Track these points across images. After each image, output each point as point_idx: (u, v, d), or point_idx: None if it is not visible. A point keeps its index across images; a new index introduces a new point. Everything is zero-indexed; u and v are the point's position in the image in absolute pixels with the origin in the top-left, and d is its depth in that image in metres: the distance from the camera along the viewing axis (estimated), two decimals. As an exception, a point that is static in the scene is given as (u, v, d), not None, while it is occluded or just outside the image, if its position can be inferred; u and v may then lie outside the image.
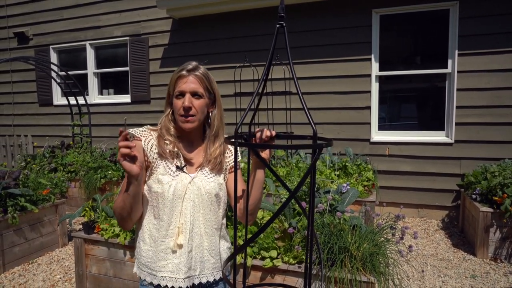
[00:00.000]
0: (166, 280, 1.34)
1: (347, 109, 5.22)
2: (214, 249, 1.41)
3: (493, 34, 4.55)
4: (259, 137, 1.27)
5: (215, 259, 1.41)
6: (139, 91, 6.51)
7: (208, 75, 1.39)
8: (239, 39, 5.67)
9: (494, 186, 3.71)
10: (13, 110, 7.75)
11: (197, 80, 1.34)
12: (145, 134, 1.39)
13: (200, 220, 1.37)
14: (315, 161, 1.04)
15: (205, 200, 1.37)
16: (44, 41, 7.29)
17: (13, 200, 3.69)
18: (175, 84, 1.36)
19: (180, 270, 1.33)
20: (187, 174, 1.37)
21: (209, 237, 1.39)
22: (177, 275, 1.33)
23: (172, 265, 1.34)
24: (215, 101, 1.42)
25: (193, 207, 1.35)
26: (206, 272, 1.39)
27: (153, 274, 1.36)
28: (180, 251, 1.33)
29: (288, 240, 2.38)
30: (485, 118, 4.66)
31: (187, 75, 1.34)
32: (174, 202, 1.33)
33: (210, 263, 1.40)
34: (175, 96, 1.36)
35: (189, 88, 1.33)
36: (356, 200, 3.21)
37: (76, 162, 5.68)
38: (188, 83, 1.33)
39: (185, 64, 1.38)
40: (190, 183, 1.36)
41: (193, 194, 1.35)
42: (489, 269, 3.46)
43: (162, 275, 1.34)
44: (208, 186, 1.37)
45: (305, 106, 1.09)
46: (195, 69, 1.36)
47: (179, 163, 1.37)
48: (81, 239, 3.04)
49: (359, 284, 2.18)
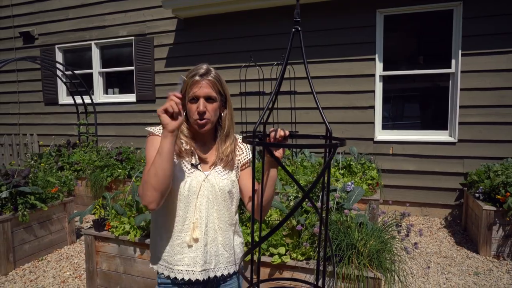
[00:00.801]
0: (182, 273, 1.39)
1: (351, 109, 5.27)
2: (228, 244, 1.46)
3: (496, 34, 4.59)
4: (273, 137, 1.32)
5: (229, 253, 1.46)
6: (144, 90, 6.57)
7: (219, 78, 1.43)
8: (244, 39, 5.73)
9: (497, 184, 3.75)
10: (18, 109, 7.83)
11: (210, 85, 1.39)
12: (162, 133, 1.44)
13: (215, 215, 1.42)
14: (329, 160, 1.10)
15: (218, 197, 1.42)
16: (50, 41, 7.35)
17: (23, 198, 3.75)
18: (188, 88, 1.40)
19: (196, 263, 1.38)
20: (202, 172, 1.42)
21: (223, 232, 1.44)
22: (193, 268, 1.38)
23: (188, 258, 1.39)
24: (226, 102, 1.48)
25: (208, 203, 1.40)
26: (220, 266, 1.44)
27: (170, 267, 1.41)
28: (195, 245, 1.38)
29: (296, 237, 2.44)
30: (488, 117, 4.70)
31: (200, 80, 1.38)
32: (189, 198, 1.38)
33: (224, 257, 1.45)
34: (189, 100, 1.40)
35: (203, 93, 1.38)
36: (361, 198, 3.26)
37: (83, 161, 5.74)
38: (202, 88, 1.37)
39: (197, 68, 1.41)
40: (205, 180, 1.41)
41: (207, 191, 1.40)
42: (491, 267, 3.51)
43: (178, 269, 1.39)
44: (222, 183, 1.42)
45: (319, 106, 1.14)
46: (207, 73, 1.40)
47: (194, 161, 1.43)
48: (91, 236, 3.10)
49: (366, 280, 2.23)
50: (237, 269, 1.51)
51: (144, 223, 2.89)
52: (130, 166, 5.49)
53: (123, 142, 6.70)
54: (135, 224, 2.83)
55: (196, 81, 1.38)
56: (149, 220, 2.86)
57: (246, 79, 5.31)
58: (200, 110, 1.37)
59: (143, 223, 2.88)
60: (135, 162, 5.64)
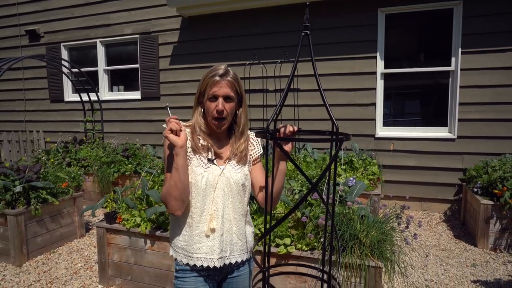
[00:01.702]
0: (201, 261, 1.50)
1: (353, 106, 5.38)
2: (241, 233, 1.57)
3: (496, 33, 4.69)
4: (283, 132, 1.45)
5: (242, 242, 1.58)
6: (149, 88, 6.68)
7: (237, 78, 1.53)
8: (248, 37, 5.83)
9: (495, 179, 3.87)
10: (24, 107, 7.95)
11: (228, 85, 1.47)
12: None
13: (230, 207, 1.53)
14: (336, 153, 1.21)
15: (233, 189, 1.53)
16: (55, 39, 7.46)
17: (35, 192, 3.88)
18: (208, 87, 1.48)
19: (214, 251, 1.49)
20: (217, 166, 1.53)
21: (237, 222, 1.55)
22: (211, 256, 1.49)
23: (206, 247, 1.50)
24: (242, 101, 1.58)
25: (223, 195, 1.51)
26: (235, 253, 1.55)
27: (189, 255, 1.51)
28: (213, 235, 1.50)
29: (301, 229, 2.56)
30: (487, 114, 4.81)
31: (220, 80, 1.46)
32: (206, 191, 1.49)
33: (238, 246, 1.56)
34: (208, 99, 1.48)
35: (222, 92, 1.46)
36: (362, 193, 3.38)
37: (90, 157, 5.87)
38: (222, 88, 1.46)
39: (217, 69, 1.49)
40: (220, 175, 1.52)
41: (223, 184, 1.51)
42: (489, 259, 3.63)
43: (197, 256, 1.50)
44: (236, 177, 1.53)
45: (327, 103, 1.26)
46: (227, 73, 1.48)
47: (210, 156, 1.53)
48: (103, 229, 3.22)
49: (368, 268, 2.35)
50: (249, 256, 1.63)
51: (155, 216, 3.01)
52: (136, 162, 5.61)
53: (129, 138, 6.82)
54: (146, 216, 2.96)
55: (216, 81, 1.46)
56: (159, 212, 2.98)
57: (250, 76, 5.42)
58: (219, 109, 1.46)
59: (153, 215, 3.00)
60: (141, 158, 5.76)
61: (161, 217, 2.98)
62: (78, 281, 3.36)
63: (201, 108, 1.56)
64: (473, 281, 3.20)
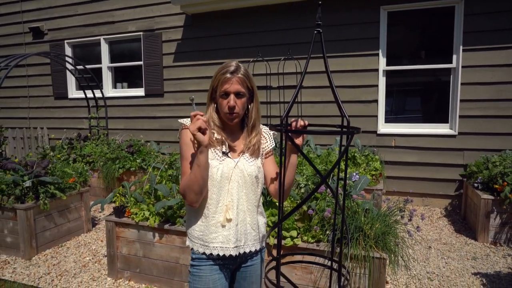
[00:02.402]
0: (217, 250, 1.56)
1: (355, 102, 5.44)
2: (255, 224, 1.64)
3: (497, 30, 4.75)
4: (294, 126, 1.51)
5: (255, 232, 1.64)
6: (153, 85, 6.74)
7: (248, 74, 1.58)
8: (251, 34, 5.89)
9: (495, 175, 3.94)
10: (28, 103, 8.01)
11: (239, 81, 1.53)
12: None
13: (244, 198, 1.59)
14: (348, 144, 1.28)
15: (247, 181, 1.59)
16: (59, 36, 7.51)
17: (43, 187, 3.95)
18: (219, 84, 1.54)
19: (229, 240, 1.55)
20: (232, 159, 1.59)
21: (251, 213, 1.62)
22: (227, 245, 1.56)
23: (222, 237, 1.56)
24: (253, 95, 1.64)
25: (238, 187, 1.57)
26: (249, 243, 1.62)
27: (205, 245, 1.57)
28: (228, 224, 1.56)
29: (307, 221, 2.63)
30: (488, 111, 4.88)
31: (231, 77, 1.52)
32: (221, 183, 1.55)
33: (252, 236, 1.63)
34: (220, 96, 1.55)
35: (233, 89, 1.52)
36: (365, 188, 3.45)
37: (94, 153, 5.93)
38: (233, 85, 1.52)
39: (228, 66, 1.55)
40: (235, 167, 1.58)
41: (237, 176, 1.57)
42: (489, 252, 3.71)
43: (213, 245, 1.56)
44: (249, 169, 1.60)
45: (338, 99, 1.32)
46: (237, 70, 1.54)
47: (224, 149, 1.60)
48: (112, 223, 3.29)
49: (372, 260, 2.42)
50: (262, 246, 1.70)
51: (163, 210, 3.08)
52: (141, 158, 5.68)
53: (133, 135, 6.88)
54: (155, 210, 3.03)
55: (228, 79, 1.52)
56: (168, 206, 3.05)
57: (254, 74, 5.48)
58: (230, 105, 1.52)
59: (162, 209, 3.07)
60: (146, 154, 5.82)
61: (169, 210, 3.05)
62: (87, 273, 3.44)
63: (214, 103, 1.62)
64: (474, 273, 3.28)
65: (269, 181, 1.70)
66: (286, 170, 1.59)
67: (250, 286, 1.70)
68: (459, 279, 3.18)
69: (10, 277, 3.40)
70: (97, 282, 3.28)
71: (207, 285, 1.58)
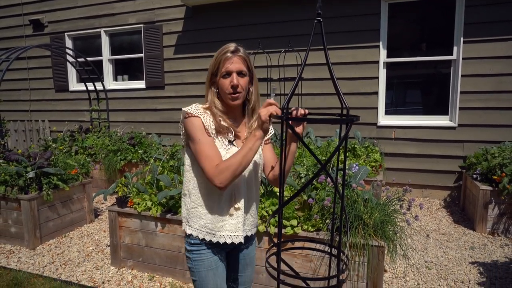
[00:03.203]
0: (224, 238, 1.56)
1: (356, 94, 5.46)
2: (254, 209, 1.66)
3: (498, 22, 4.75)
4: (295, 115, 1.54)
5: (253, 217, 1.67)
6: (154, 77, 6.75)
7: (248, 55, 1.56)
8: (252, 26, 5.89)
9: (494, 166, 3.98)
10: (29, 96, 8.03)
11: (240, 60, 1.51)
12: (200, 112, 1.54)
13: (247, 185, 1.60)
14: (347, 132, 1.31)
15: (250, 169, 1.60)
16: (59, 28, 7.51)
17: (46, 178, 3.99)
18: (221, 65, 1.50)
19: (238, 228, 1.56)
20: (237, 148, 1.57)
21: (252, 200, 1.64)
22: (236, 233, 1.56)
23: (230, 225, 1.55)
24: (253, 78, 1.60)
25: (243, 175, 1.55)
26: (246, 228, 1.63)
27: (212, 233, 1.56)
28: (236, 213, 1.55)
29: (307, 211, 2.67)
30: (487, 103, 4.90)
31: (232, 56, 1.49)
32: None
33: (250, 221, 1.65)
34: (222, 76, 1.51)
35: (235, 68, 1.49)
36: (364, 179, 3.49)
37: (96, 146, 5.97)
38: (234, 64, 1.49)
39: (227, 47, 1.52)
40: None
41: None
42: (486, 242, 3.76)
43: (221, 234, 1.55)
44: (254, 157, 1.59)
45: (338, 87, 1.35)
46: (237, 50, 1.52)
47: (230, 137, 1.58)
48: (115, 213, 3.34)
49: (371, 248, 2.47)
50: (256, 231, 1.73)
51: (165, 200, 3.12)
52: (142, 150, 5.72)
53: (134, 127, 6.92)
54: (157, 200, 3.07)
55: (229, 57, 1.49)
56: (170, 196, 3.09)
57: (255, 66, 5.48)
58: (234, 83, 1.48)
59: (164, 199, 3.11)
60: (147, 146, 5.86)
61: (171, 200, 3.10)
62: (91, 263, 3.49)
63: (215, 88, 1.57)
64: (471, 262, 3.33)
65: (267, 168, 1.70)
66: (286, 157, 1.62)
67: (245, 268, 1.73)
68: (456, 268, 3.23)
69: (15, 266, 3.46)
70: (101, 271, 3.34)
71: (210, 266, 1.59)
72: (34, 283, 3.08)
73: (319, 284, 2.47)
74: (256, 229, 1.74)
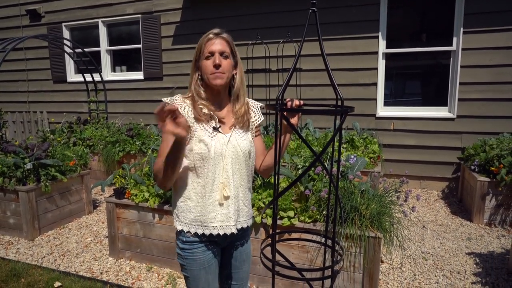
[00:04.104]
0: (217, 229, 1.52)
1: (354, 85, 5.44)
2: (247, 200, 1.63)
3: (498, 12, 4.71)
4: (290, 106, 1.52)
5: (247, 208, 1.64)
6: (152, 68, 6.71)
7: (231, 39, 1.56)
8: (250, 16, 5.83)
9: (492, 157, 3.97)
10: (27, 87, 7.99)
11: (224, 42, 1.51)
12: (178, 102, 1.54)
13: (237, 174, 1.56)
14: (341, 123, 1.30)
15: (240, 157, 1.56)
16: (57, 19, 7.44)
17: (44, 170, 3.99)
18: (203, 47, 1.51)
19: (230, 218, 1.53)
20: (223, 134, 1.53)
21: (244, 189, 1.60)
22: (227, 223, 1.53)
23: (221, 215, 1.52)
24: (237, 64, 1.58)
25: (232, 163, 1.52)
26: (241, 219, 1.60)
27: (204, 225, 1.52)
28: (226, 202, 1.52)
29: (304, 202, 2.67)
30: (486, 94, 4.88)
31: (214, 38, 1.50)
32: (216, 160, 1.49)
33: (244, 212, 1.62)
34: (204, 58, 1.50)
35: (217, 48, 1.49)
36: (362, 170, 3.49)
37: (94, 137, 5.96)
38: (216, 44, 1.49)
39: (210, 31, 1.53)
40: (227, 143, 1.52)
41: (230, 152, 1.52)
42: (483, 233, 3.77)
43: (213, 225, 1.52)
44: (243, 144, 1.56)
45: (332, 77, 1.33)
46: (221, 32, 1.53)
47: (214, 124, 1.54)
48: (113, 204, 3.35)
49: (367, 239, 2.48)
50: (252, 222, 1.71)
51: (162, 191, 3.12)
52: (141, 141, 5.71)
53: (132, 118, 6.90)
54: (155, 191, 3.07)
55: (211, 39, 1.50)
56: (167, 188, 3.09)
57: (253, 56, 5.46)
58: (216, 63, 1.47)
59: (161, 191, 3.11)
60: (146, 137, 5.85)
61: (169, 192, 3.10)
62: (89, 253, 3.51)
63: (198, 74, 1.56)
64: (468, 253, 3.35)
65: (257, 158, 1.68)
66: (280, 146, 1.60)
67: (242, 264, 1.71)
68: (453, 259, 3.24)
69: (14, 257, 3.48)
70: (99, 261, 3.35)
71: (203, 265, 1.57)
72: (33, 273, 3.10)
73: (315, 275, 2.48)
74: (252, 221, 1.73)
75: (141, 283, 2.99)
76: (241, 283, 1.74)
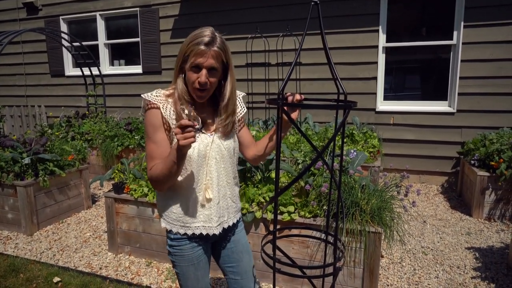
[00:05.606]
0: (199, 229, 1.51)
1: (354, 80, 5.41)
2: (234, 196, 1.62)
3: (499, 6, 4.67)
4: (291, 100, 1.50)
5: (236, 203, 1.64)
6: (150, 62, 6.67)
7: (224, 47, 1.41)
8: (250, 10, 5.78)
9: (492, 152, 3.96)
10: (25, 81, 7.93)
11: (214, 55, 1.37)
12: (161, 100, 1.46)
13: (223, 173, 1.54)
14: (344, 119, 1.28)
15: (225, 156, 1.52)
16: (54, 12, 7.37)
17: (42, 164, 3.97)
18: (191, 54, 1.37)
19: (212, 219, 1.51)
20: (207, 135, 1.50)
21: (231, 186, 1.59)
22: (209, 224, 1.51)
23: (204, 216, 1.50)
24: (228, 70, 1.48)
25: (216, 163, 1.50)
26: (231, 216, 1.61)
27: (186, 226, 1.51)
28: (208, 204, 1.50)
29: (304, 197, 2.66)
30: (486, 88, 4.86)
31: (205, 50, 1.35)
32: (199, 161, 1.46)
33: (233, 208, 1.61)
34: (191, 68, 1.39)
35: (206, 64, 1.37)
36: (362, 165, 3.48)
37: (93, 131, 5.93)
38: (206, 58, 1.36)
39: (202, 34, 1.37)
40: (212, 143, 1.49)
41: (214, 152, 1.49)
42: (483, 227, 3.77)
43: (195, 225, 1.50)
44: (226, 143, 1.53)
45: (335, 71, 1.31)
46: (213, 42, 1.37)
47: (198, 126, 1.46)
48: (111, 199, 3.33)
49: (368, 234, 2.47)
50: (241, 216, 1.71)
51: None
52: (139, 135, 5.68)
53: (131, 112, 6.86)
54: (154, 186, 3.05)
55: (201, 51, 1.35)
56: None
57: (252, 50, 5.41)
58: (202, 81, 1.38)
59: (160, 186, 3.09)
60: (144, 132, 5.81)
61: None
62: (88, 248, 3.50)
63: (183, 74, 1.46)
64: (467, 248, 3.35)
65: (248, 149, 1.66)
66: (273, 140, 1.58)
67: (240, 257, 1.69)
68: (452, 253, 3.24)
69: (12, 252, 3.47)
70: (98, 256, 3.34)
71: (191, 262, 1.56)
72: (32, 269, 3.09)
73: (315, 272, 2.48)
74: (240, 215, 1.72)
75: (140, 278, 2.98)
76: (246, 277, 1.71)
